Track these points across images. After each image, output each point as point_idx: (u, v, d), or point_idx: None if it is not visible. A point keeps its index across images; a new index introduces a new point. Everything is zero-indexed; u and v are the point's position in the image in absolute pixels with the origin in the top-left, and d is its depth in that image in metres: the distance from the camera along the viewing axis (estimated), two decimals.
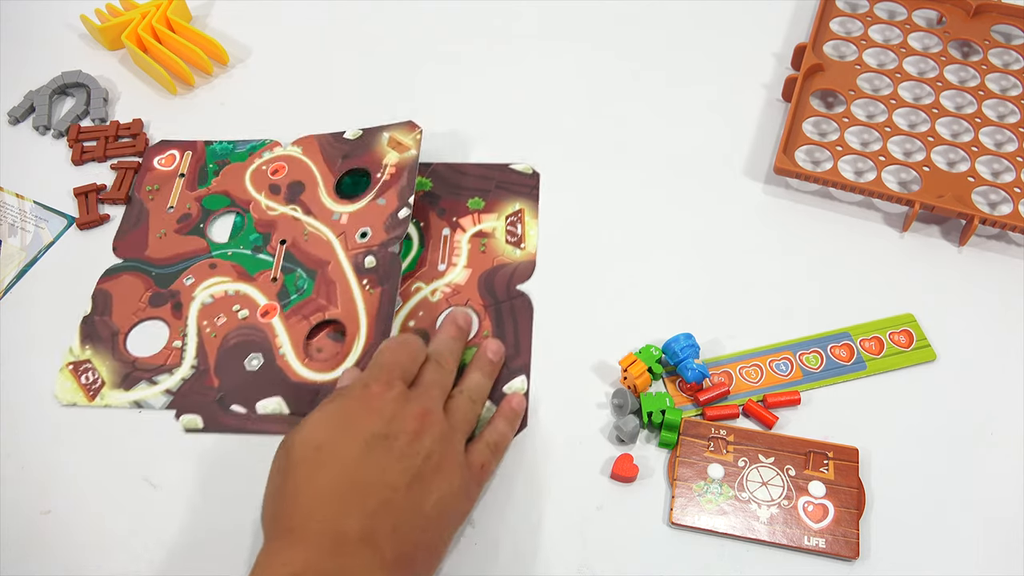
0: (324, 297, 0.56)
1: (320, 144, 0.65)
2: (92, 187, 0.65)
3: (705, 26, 0.76)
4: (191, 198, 0.64)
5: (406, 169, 0.61)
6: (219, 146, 0.66)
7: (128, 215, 0.64)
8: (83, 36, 0.77)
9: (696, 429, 0.53)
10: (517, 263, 0.60)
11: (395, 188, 0.60)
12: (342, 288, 0.57)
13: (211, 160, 0.65)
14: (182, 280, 0.59)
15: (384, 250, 0.57)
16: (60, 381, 0.56)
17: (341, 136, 0.64)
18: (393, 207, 0.59)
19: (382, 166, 0.61)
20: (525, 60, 0.74)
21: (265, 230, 0.61)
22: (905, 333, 0.57)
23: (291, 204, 0.61)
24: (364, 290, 0.56)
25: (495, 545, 0.50)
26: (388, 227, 0.58)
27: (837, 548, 0.49)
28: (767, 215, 0.63)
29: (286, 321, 0.56)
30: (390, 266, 0.57)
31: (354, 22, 0.77)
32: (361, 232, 0.58)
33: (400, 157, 0.61)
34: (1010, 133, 0.65)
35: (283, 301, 0.57)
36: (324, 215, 0.61)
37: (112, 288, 0.59)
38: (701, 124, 0.69)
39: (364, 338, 0.54)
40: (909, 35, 0.71)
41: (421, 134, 0.62)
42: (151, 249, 0.61)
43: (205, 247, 0.61)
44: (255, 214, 0.62)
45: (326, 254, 0.59)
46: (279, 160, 0.64)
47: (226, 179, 0.64)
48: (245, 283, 0.58)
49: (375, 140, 0.63)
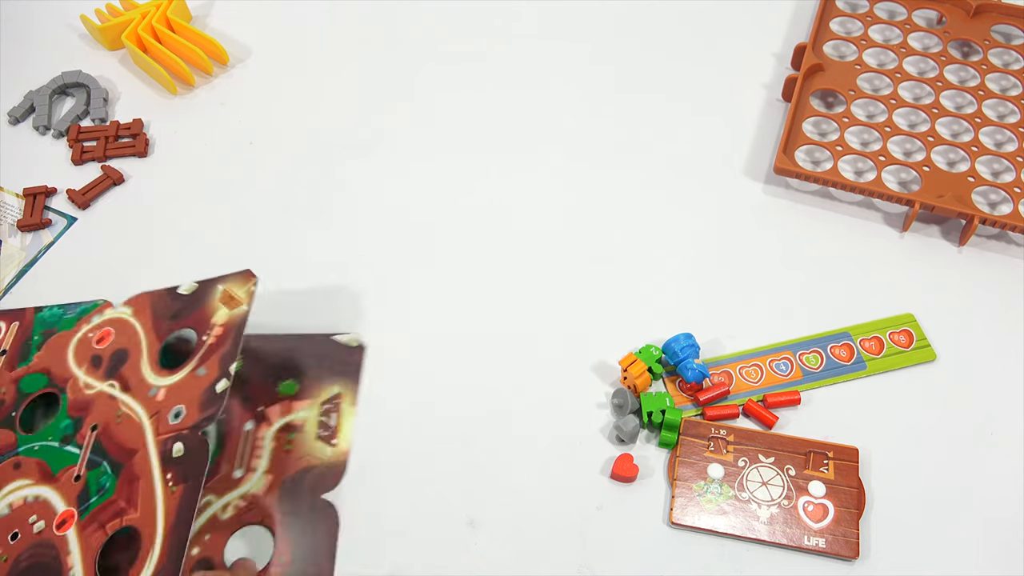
0: (124, 498, 0.48)
1: (152, 302, 0.55)
2: (42, 189, 0.65)
3: (705, 26, 0.76)
4: (8, 380, 0.55)
5: (233, 330, 0.51)
6: (48, 313, 0.57)
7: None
8: (83, 36, 0.77)
9: (696, 429, 0.53)
10: (326, 465, 0.52)
11: (217, 354, 0.51)
12: (144, 486, 0.48)
13: (37, 330, 0.57)
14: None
15: (194, 434, 0.48)
16: None
17: (175, 291, 0.55)
18: (212, 377, 0.50)
19: (210, 326, 0.52)
20: (525, 60, 0.74)
21: (78, 413, 0.52)
22: (905, 333, 0.57)
23: (110, 379, 0.52)
24: (167, 487, 0.47)
25: (495, 545, 0.50)
26: (204, 404, 0.49)
27: (837, 548, 0.49)
28: (767, 215, 0.63)
29: (81, 532, 0.48)
30: (197, 456, 0.47)
31: (354, 22, 0.77)
32: (175, 411, 0.50)
33: (229, 315, 0.52)
34: (1010, 133, 0.65)
35: (82, 506, 0.49)
36: (142, 391, 0.51)
37: None
38: (701, 124, 0.69)
39: (158, 553, 0.45)
40: (909, 35, 0.71)
41: (256, 285, 0.53)
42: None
43: (13, 441, 0.52)
44: (71, 394, 0.53)
45: (135, 442, 0.49)
46: (107, 324, 0.55)
47: (49, 353, 0.55)
48: (47, 485, 0.50)
49: (208, 295, 0.54)
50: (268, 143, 0.69)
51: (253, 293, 0.52)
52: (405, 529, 0.51)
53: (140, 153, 0.69)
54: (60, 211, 0.66)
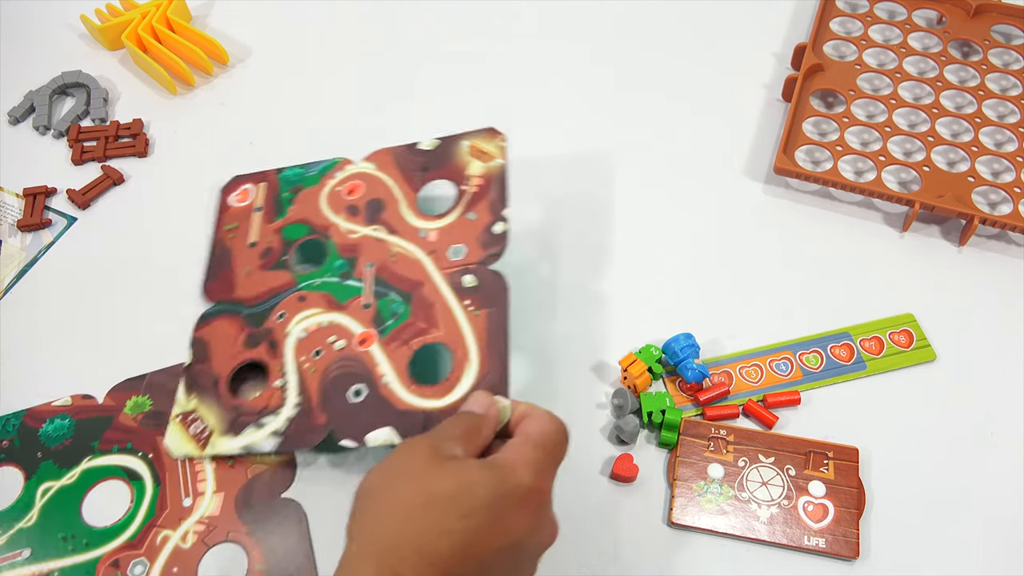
0: (422, 320, 0.52)
1: (395, 157, 0.60)
2: (42, 189, 0.65)
3: (705, 26, 0.76)
4: (271, 231, 0.60)
5: (494, 180, 0.56)
6: (290, 172, 0.62)
7: (212, 257, 0.61)
8: (83, 36, 0.77)
9: (696, 429, 0.53)
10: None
11: (485, 201, 0.55)
12: (441, 309, 0.52)
13: (285, 188, 0.62)
14: (273, 317, 0.56)
15: (484, 268, 0.53)
16: (171, 434, 0.53)
17: (415, 147, 0.60)
18: (486, 221, 0.54)
19: (465, 177, 0.57)
20: (525, 60, 0.74)
21: (349, 255, 0.57)
22: (905, 333, 0.57)
23: (372, 224, 0.57)
24: (468, 312, 0.52)
25: None
26: (484, 243, 0.54)
27: (837, 548, 0.49)
28: (767, 215, 0.63)
29: (385, 348, 0.52)
30: (494, 286, 0.52)
31: (354, 22, 0.77)
32: (453, 250, 0.54)
33: (485, 167, 0.57)
34: (1010, 133, 0.65)
35: (379, 327, 0.53)
36: (410, 233, 0.56)
37: (208, 335, 0.57)
38: (701, 124, 0.69)
39: (476, 365, 0.50)
40: (909, 35, 0.71)
41: (505, 141, 0.58)
42: (240, 289, 0.58)
43: (291, 280, 0.57)
44: (336, 239, 0.58)
45: (418, 275, 0.54)
46: (353, 179, 0.60)
47: (302, 206, 0.60)
48: (337, 312, 0.55)
49: (454, 149, 0.59)
50: (268, 143, 0.69)
51: (504, 148, 0.57)
52: None
53: (140, 153, 0.69)
54: (60, 211, 0.66)
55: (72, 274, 0.62)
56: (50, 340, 0.59)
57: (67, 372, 0.57)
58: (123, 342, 0.59)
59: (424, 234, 0.55)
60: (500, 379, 0.49)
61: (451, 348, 0.51)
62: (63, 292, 0.61)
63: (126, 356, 0.58)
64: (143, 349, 0.58)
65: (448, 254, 0.54)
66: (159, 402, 0.55)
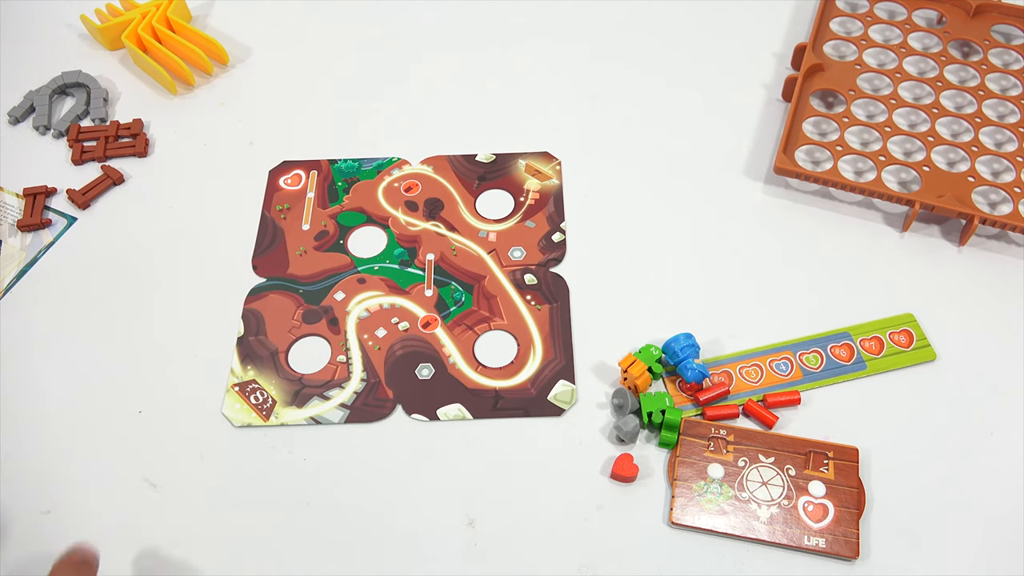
0: (486, 310, 0.58)
1: (450, 164, 0.66)
2: (42, 189, 0.65)
3: (705, 26, 0.76)
4: (325, 215, 0.64)
5: (550, 196, 0.64)
6: (344, 164, 0.67)
7: (263, 234, 0.63)
8: (83, 36, 0.77)
9: (696, 429, 0.53)
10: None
11: (543, 213, 0.63)
12: (505, 302, 0.58)
13: (339, 178, 0.66)
14: (332, 296, 0.60)
15: (544, 270, 0.60)
16: (229, 402, 0.55)
17: (473, 158, 0.66)
18: (544, 230, 0.62)
19: (524, 191, 0.64)
20: (525, 61, 0.74)
21: (408, 245, 0.62)
22: (905, 333, 0.57)
23: (432, 220, 0.63)
24: (530, 305, 0.58)
25: (495, 545, 0.50)
26: (544, 248, 0.61)
27: (837, 548, 0.49)
28: (767, 215, 0.63)
29: (450, 332, 0.57)
30: (555, 285, 0.59)
31: (354, 22, 0.77)
32: (514, 250, 0.61)
33: (542, 184, 0.64)
34: (1010, 133, 0.65)
35: (443, 313, 0.58)
36: (470, 232, 0.62)
37: (261, 307, 0.59)
38: (701, 124, 0.69)
39: (541, 351, 0.56)
40: (909, 35, 0.71)
41: (560, 165, 0.65)
42: (293, 267, 0.61)
43: (350, 263, 0.61)
44: (395, 229, 0.63)
45: (480, 269, 0.60)
46: (410, 178, 0.66)
47: (359, 196, 0.65)
48: (399, 296, 0.59)
49: (511, 165, 0.66)
50: (268, 143, 0.69)
51: (559, 171, 0.65)
52: (405, 529, 0.51)
53: (140, 153, 0.69)
54: (60, 211, 0.66)
55: (72, 274, 0.62)
56: (50, 340, 0.59)
57: (67, 372, 0.57)
58: (123, 342, 0.59)
59: (483, 234, 0.62)
60: (566, 365, 0.56)
61: (515, 336, 0.57)
62: (63, 292, 0.61)
63: (126, 356, 0.58)
64: (143, 349, 0.58)
65: (508, 254, 0.61)
66: None
